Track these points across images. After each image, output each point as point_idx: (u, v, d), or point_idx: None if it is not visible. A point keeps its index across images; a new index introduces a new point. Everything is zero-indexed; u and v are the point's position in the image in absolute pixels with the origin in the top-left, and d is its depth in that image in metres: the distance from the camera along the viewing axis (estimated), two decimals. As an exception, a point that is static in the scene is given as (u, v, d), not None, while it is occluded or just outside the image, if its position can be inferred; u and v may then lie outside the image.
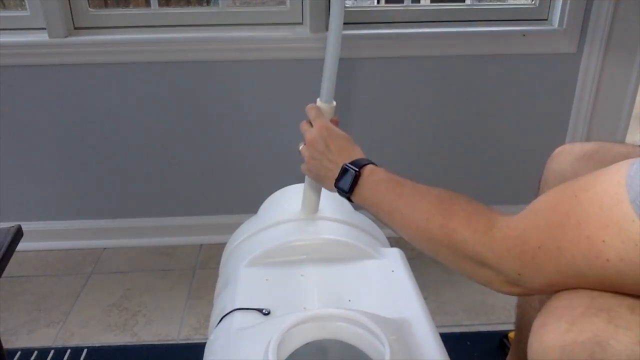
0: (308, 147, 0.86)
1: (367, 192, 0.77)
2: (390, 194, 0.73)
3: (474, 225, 0.61)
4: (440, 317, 1.41)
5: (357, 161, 0.80)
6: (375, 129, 1.66)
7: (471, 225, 0.61)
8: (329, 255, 0.83)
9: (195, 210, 1.75)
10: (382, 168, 0.80)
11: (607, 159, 0.80)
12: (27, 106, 1.58)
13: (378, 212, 0.75)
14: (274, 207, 1.02)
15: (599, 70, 1.60)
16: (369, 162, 0.80)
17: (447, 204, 0.66)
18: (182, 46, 1.54)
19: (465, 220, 0.62)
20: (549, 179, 0.89)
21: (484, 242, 0.59)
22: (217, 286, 0.90)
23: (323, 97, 0.88)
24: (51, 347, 1.34)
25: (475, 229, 0.60)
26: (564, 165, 0.86)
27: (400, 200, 0.71)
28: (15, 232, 0.98)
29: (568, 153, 0.87)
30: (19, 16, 1.53)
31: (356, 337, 0.64)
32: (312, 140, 0.85)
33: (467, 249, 0.61)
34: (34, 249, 1.70)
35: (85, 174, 1.67)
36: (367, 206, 0.77)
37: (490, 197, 1.78)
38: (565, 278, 0.51)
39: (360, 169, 0.78)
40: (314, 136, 0.85)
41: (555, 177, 0.87)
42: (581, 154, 0.84)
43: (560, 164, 0.87)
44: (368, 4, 2.93)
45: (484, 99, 1.65)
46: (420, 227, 0.67)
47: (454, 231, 0.62)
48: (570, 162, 0.85)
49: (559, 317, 0.50)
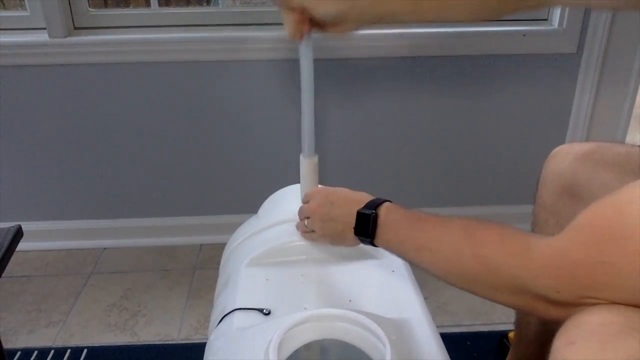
0: (313, 217, 0.82)
1: (389, 233, 0.71)
2: (414, 231, 0.67)
3: (508, 248, 0.56)
4: (440, 317, 1.41)
5: (370, 203, 0.75)
6: (375, 129, 1.66)
7: (505, 249, 0.57)
8: (329, 255, 0.83)
9: (195, 210, 1.75)
10: (398, 205, 0.74)
11: (606, 159, 0.80)
12: (27, 106, 1.57)
13: (404, 252, 0.69)
14: (274, 207, 1.02)
15: (599, 70, 1.60)
16: (383, 201, 0.75)
17: (476, 232, 0.61)
18: (182, 46, 1.54)
19: (498, 245, 0.57)
20: (547, 179, 0.88)
21: (521, 264, 0.54)
22: (217, 286, 0.90)
23: (305, 152, 0.85)
24: (51, 347, 1.34)
25: (510, 252, 0.56)
26: (562, 165, 0.85)
27: (426, 236, 0.66)
28: (15, 232, 0.97)
29: (566, 153, 0.86)
30: (19, 16, 1.53)
31: (356, 337, 0.64)
32: (315, 209, 0.81)
33: (502, 275, 0.56)
34: (34, 249, 1.70)
35: (85, 174, 1.67)
36: (392, 248, 0.71)
37: (490, 197, 1.79)
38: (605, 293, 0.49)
39: (376, 210, 0.72)
40: (313, 205, 0.82)
41: (554, 177, 0.87)
42: (580, 154, 0.83)
43: (558, 164, 0.86)
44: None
45: (484, 99, 1.65)
46: (452, 261, 0.62)
47: (488, 258, 0.57)
48: (569, 162, 0.84)
49: (589, 336, 0.46)
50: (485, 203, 1.78)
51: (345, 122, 1.65)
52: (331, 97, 1.61)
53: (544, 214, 0.87)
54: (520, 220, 1.75)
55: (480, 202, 1.78)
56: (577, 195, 0.81)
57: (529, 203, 0.94)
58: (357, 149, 1.69)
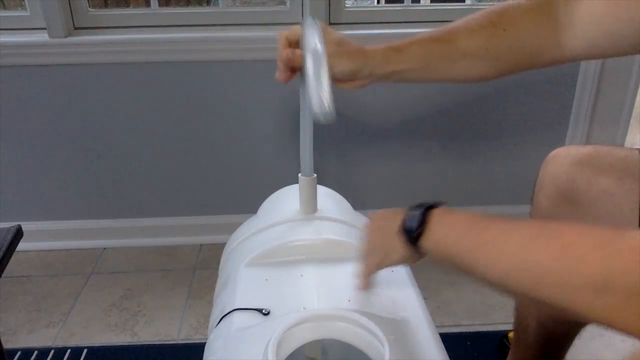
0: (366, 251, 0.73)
1: (441, 230, 0.61)
2: (474, 226, 0.57)
3: (593, 236, 0.47)
4: (440, 317, 1.41)
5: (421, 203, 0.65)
6: (375, 129, 1.66)
7: (590, 237, 0.47)
8: (329, 255, 0.83)
9: (195, 210, 1.75)
10: None
11: (604, 164, 0.78)
12: (27, 106, 1.58)
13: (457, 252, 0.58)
14: (273, 207, 1.02)
15: (599, 70, 1.60)
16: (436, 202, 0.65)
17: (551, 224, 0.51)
18: (182, 46, 1.54)
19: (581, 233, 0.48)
20: (544, 184, 0.86)
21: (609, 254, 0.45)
22: (217, 286, 0.90)
23: (305, 172, 0.88)
24: (51, 347, 1.34)
25: (596, 241, 0.46)
26: (559, 170, 0.83)
27: (489, 231, 0.55)
28: (15, 232, 0.98)
29: (564, 157, 0.84)
30: (19, 16, 1.53)
31: (356, 337, 0.64)
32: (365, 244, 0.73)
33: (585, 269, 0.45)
34: (34, 249, 1.71)
35: (85, 174, 1.67)
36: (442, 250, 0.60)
37: (490, 197, 1.79)
38: None
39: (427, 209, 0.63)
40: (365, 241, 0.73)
41: (551, 183, 0.85)
42: (577, 159, 0.81)
43: (555, 169, 0.84)
44: (368, 4, 2.94)
45: (483, 99, 1.65)
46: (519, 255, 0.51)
47: (567, 248, 0.47)
48: (566, 167, 0.82)
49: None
50: (485, 203, 1.78)
51: (345, 122, 1.65)
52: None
53: (540, 217, 0.86)
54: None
55: (480, 202, 1.78)
56: (576, 202, 0.79)
57: (528, 203, 0.94)
58: (356, 149, 1.69)
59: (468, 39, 0.74)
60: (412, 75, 0.76)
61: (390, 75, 0.75)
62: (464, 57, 0.74)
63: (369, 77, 0.76)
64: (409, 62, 0.74)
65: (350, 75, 0.75)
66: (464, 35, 0.75)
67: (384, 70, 0.75)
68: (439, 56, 0.75)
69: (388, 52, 0.75)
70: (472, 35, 0.74)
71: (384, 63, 0.74)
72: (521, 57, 0.74)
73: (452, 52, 0.74)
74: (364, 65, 0.74)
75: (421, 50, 0.75)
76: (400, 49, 0.75)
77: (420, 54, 0.74)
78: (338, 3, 1.55)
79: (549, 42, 0.72)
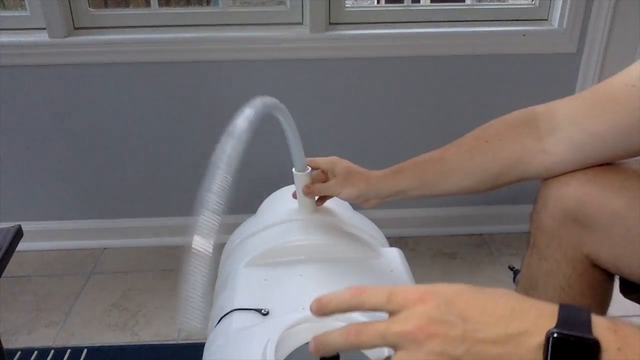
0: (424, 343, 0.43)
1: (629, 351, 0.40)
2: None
3: None
4: (440, 317, 1.40)
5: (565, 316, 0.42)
6: (375, 129, 1.66)
7: None
8: (328, 255, 0.83)
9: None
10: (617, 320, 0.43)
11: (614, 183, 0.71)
12: (27, 106, 1.58)
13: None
14: (273, 207, 1.02)
15: (599, 70, 1.60)
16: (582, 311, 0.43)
17: None
18: (182, 46, 1.54)
19: None
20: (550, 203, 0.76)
21: None
22: (216, 286, 0.90)
23: (297, 167, 0.88)
24: (51, 347, 1.34)
25: None
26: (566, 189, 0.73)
27: None
28: (15, 232, 0.98)
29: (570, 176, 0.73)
30: (19, 16, 1.53)
31: (355, 337, 0.64)
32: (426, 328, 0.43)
33: None
34: (34, 249, 1.70)
35: (85, 174, 1.67)
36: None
37: (490, 198, 1.79)
38: None
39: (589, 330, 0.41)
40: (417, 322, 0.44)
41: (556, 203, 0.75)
42: (585, 178, 0.72)
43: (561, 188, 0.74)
44: (368, 4, 2.94)
45: (484, 99, 1.65)
46: None
47: None
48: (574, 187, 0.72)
49: None
50: (485, 203, 1.78)
51: (345, 122, 1.65)
52: (331, 96, 1.61)
53: (545, 237, 0.79)
54: (520, 220, 1.75)
55: (480, 202, 1.78)
56: (585, 224, 0.73)
57: (528, 203, 0.94)
58: (356, 149, 1.69)
59: (456, 154, 0.82)
60: (414, 193, 0.84)
61: (394, 194, 0.85)
62: (453, 172, 0.82)
63: (376, 197, 0.87)
64: (408, 181, 0.84)
65: (358, 199, 0.87)
66: (452, 152, 0.82)
67: (388, 191, 0.85)
68: (433, 173, 0.83)
69: (388, 175, 0.86)
70: (459, 150, 0.82)
71: (386, 186, 0.85)
72: (508, 166, 0.78)
73: (443, 168, 0.82)
74: (368, 190, 0.85)
75: (418, 170, 0.84)
76: (399, 171, 0.85)
77: (416, 173, 0.84)
78: (338, 3, 1.55)
79: (533, 149, 0.75)
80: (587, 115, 0.70)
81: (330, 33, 1.54)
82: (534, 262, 0.82)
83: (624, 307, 1.46)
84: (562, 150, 0.73)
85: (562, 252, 0.78)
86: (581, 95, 0.73)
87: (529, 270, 0.84)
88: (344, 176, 0.87)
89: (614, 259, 0.73)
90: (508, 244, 1.73)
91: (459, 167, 0.82)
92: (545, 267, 0.80)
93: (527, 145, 0.76)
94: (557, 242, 0.78)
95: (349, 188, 0.86)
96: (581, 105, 0.72)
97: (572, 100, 0.74)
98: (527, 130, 0.77)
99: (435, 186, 0.84)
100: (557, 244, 0.78)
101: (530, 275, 0.84)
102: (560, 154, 0.73)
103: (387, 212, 1.73)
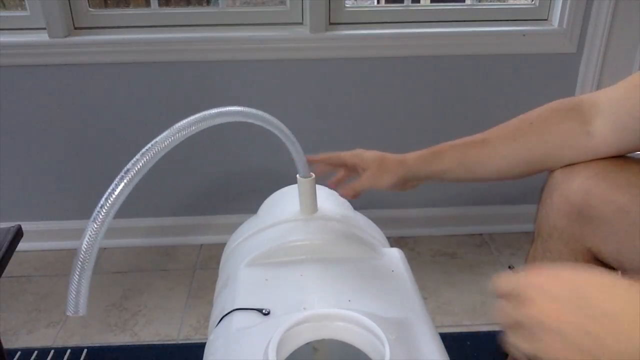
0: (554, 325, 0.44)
1: None
2: None
3: None
4: (440, 317, 1.41)
5: None
6: (375, 129, 1.66)
7: None
8: (329, 255, 0.83)
9: (195, 210, 1.75)
10: None
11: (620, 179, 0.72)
12: (27, 106, 1.58)
13: None
14: (273, 207, 1.02)
15: (599, 70, 1.60)
16: None
17: None
18: (182, 46, 1.54)
19: None
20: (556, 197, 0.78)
21: None
22: (217, 286, 0.90)
23: (301, 172, 0.88)
24: (51, 347, 1.34)
25: None
26: (572, 184, 0.76)
27: None
28: (15, 232, 0.98)
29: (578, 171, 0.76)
30: (19, 16, 1.53)
31: (356, 337, 0.64)
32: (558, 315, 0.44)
33: None
34: (34, 249, 1.70)
35: (85, 174, 1.67)
36: None
37: (490, 198, 1.79)
38: None
39: None
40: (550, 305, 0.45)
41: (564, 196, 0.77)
42: (592, 173, 0.74)
43: (568, 182, 0.77)
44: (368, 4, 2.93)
45: (484, 99, 1.65)
46: None
47: None
48: (580, 182, 0.74)
49: None
50: (485, 203, 1.78)
51: (345, 122, 1.65)
52: (332, 96, 1.61)
53: (548, 228, 0.81)
54: (521, 220, 1.76)
55: (480, 202, 1.78)
56: (590, 218, 0.74)
57: (528, 203, 0.94)
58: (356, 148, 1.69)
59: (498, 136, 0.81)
60: (452, 175, 0.84)
61: (431, 175, 0.84)
62: (495, 154, 0.81)
63: (414, 180, 0.86)
64: (448, 163, 0.83)
65: (398, 185, 0.86)
66: (495, 134, 0.82)
67: (426, 171, 0.84)
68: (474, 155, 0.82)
69: (426, 156, 0.85)
70: (502, 133, 0.81)
71: (424, 166, 0.84)
72: (552, 148, 0.78)
73: (484, 150, 0.81)
74: (406, 173, 0.85)
75: (458, 151, 0.83)
76: (439, 152, 0.84)
77: (456, 155, 0.83)
78: (338, 3, 1.55)
79: (578, 131, 0.75)
80: (629, 97, 0.72)
81: (330, 33, 1.54)
82: (538, 254, 0.83)
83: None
84: (606, 133, 0.74)
85: (564, 243, 0.78)
86: (623, 82, 0.76)
87: (533, 263, 0.85)
88: (377, 165, 0.86)
89: (617, 254, 0.74)
90: (508, 244, 1.73)
91: (502, 149, 0.81)
92: (548, 258, 0.81)
93: (572, 128, 0.76)
94: (559, 234, 0.79)
95: (386, 176, 0.85)
96: (623, 90, 0.74)
97: (615, 87, 0.77)
98: (571, 114, 0.77)
99: (475, 169, 0.83)
100: (560, 235, 0.79)
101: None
102: (604, 137, 0.74)
103: (387, 212, 1.73)
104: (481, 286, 1.50)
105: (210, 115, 0.75)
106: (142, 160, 0.66)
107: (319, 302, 0.73)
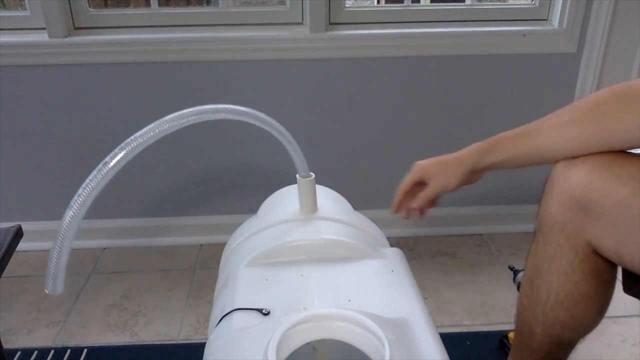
0: None
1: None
2: None
3: None
4: (440, 317, 1.41)
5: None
6: (375, 129, 1.66)
7: None
8: (329, 255, 0.83)
9: (195, 210, 1.75)
10: None
11: (623, 172, 0.72)
12: (27, 106, 1.58)
13: None
14: (273, 207, 1.02)
15: (599, 70, 1.60)
16: None
17: None
18: (182, 46, 1.54)
19: None
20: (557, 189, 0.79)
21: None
22: (217, 286, 0.90)
23: (301, 172, 0.89)
24: (51, 347, 1.34)
25: None
26: (574, 177, 0.76)
27: None
28: (15, 232, 0.98)
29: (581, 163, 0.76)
30: (19, 16, 1.53)
31: (356, 337, 0.64)
32: None
33: None
34: (34, 249, 1.70)
35: (85, 174, 1.66)
36: None
37: (489, 198, 1.79)
38: None
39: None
40: None
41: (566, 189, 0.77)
42: (594, 166, 0.75)
43: (571, 174, 0.77)
44: (368, 4, 2.93)
45: (484, 99, 1.65)
46: None
47: None
48: (582, 175, 0.75)
49: None
50: (485, 203, 1.78)
51: (345, 122, 1.65)
52: (332, 96, 1.61)
53: (549, 221, 0.81)
54: (521, 220, 1.76)
55: (480, 202, 1.78)
56: (590, 211, 0.74)
57: (529, 203, 0.94)
58: (355, 149, 1.69)
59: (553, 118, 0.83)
60: (508, 165, 0.85)
61: (490, 166, 0.87)
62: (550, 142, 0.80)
63: (475, 173, 0.90)
64: (505, 153, 0.84)
65: (464, 182, 0.90)
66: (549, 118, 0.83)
67: (485, 163, 0.87)
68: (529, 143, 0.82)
69: (483, 148, 0.87)
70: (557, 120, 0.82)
71: (483, 157, 0.87)
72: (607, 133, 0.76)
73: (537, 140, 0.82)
74: (467, 169, 0.88)
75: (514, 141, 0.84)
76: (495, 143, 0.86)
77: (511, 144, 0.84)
78: (338, 3, 1.55)
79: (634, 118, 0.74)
80: None
81: (330, 33, 1.55)
82: (540, 248, 0.83)
83: (624, 307, 1.46)
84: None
85: (564, 236, 0.78)
86: None
87: (535, 257, 0.85)
88: (440, 170, 0.90)
89: (617, 247, 0.73)
90: (508, 244, 1.73)
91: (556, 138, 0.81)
92: (550, 252, 0.81)
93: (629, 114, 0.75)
94: (560, 227, 0.79)
95: (452, 177, 0.89)
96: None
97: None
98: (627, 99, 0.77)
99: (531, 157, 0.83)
100: (561, 228, 0.79)
101: (536, 262, 0.85)
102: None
103: (387, 212, 1.73)
104: (481, 286, 1.50)
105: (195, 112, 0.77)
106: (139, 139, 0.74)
107: (318, 302, 0.73)
